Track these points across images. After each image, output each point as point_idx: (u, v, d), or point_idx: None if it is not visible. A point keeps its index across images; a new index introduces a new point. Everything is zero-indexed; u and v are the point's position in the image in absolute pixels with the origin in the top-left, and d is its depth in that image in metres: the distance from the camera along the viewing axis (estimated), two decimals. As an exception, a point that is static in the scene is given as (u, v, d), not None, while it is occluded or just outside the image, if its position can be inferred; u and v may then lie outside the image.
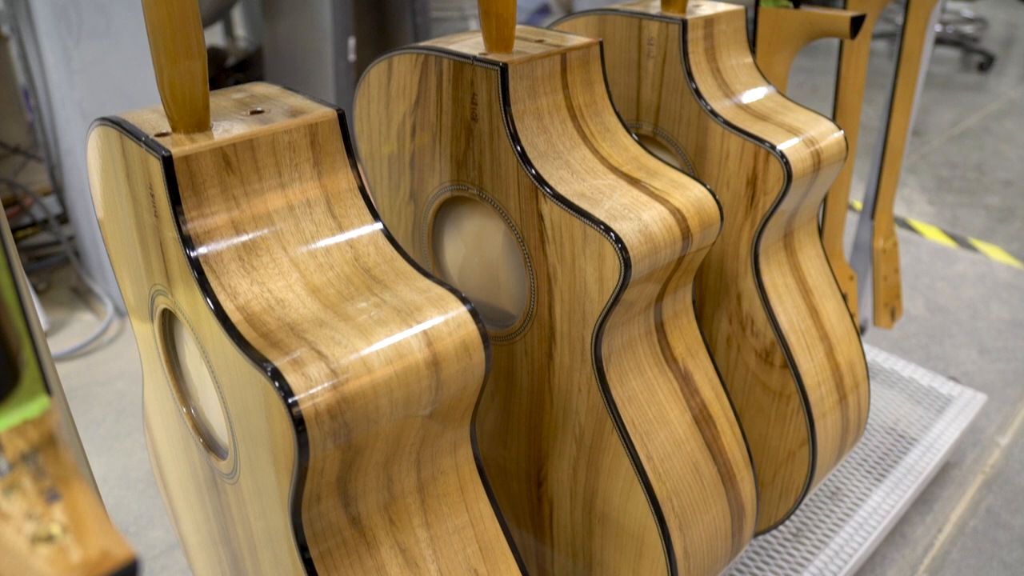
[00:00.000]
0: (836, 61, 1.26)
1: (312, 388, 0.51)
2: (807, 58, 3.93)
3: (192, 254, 0.56)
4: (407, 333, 0.55)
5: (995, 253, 2.29)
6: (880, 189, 1.44)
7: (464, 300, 0.58)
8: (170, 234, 0.58)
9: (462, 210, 0.82)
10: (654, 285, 0.75)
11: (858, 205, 2.30)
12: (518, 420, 0.83)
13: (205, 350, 0.60)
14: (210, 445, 0.70)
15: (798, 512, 1.32)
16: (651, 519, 0.75)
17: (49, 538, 0.31)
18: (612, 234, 0.67)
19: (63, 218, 2.30)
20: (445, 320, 0.56)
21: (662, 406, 0.77)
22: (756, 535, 1.03)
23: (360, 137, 0.87)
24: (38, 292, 2.12)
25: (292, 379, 0.51)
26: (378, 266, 0.60)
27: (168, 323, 0.70)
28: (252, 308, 0.56)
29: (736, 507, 0.82)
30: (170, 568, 1.39)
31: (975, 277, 2.17)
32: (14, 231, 2.28)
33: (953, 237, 2.37)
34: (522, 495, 0.88)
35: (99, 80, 1.74)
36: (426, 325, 0.56)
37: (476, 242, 0.82)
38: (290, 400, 0.50)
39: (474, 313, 0.57)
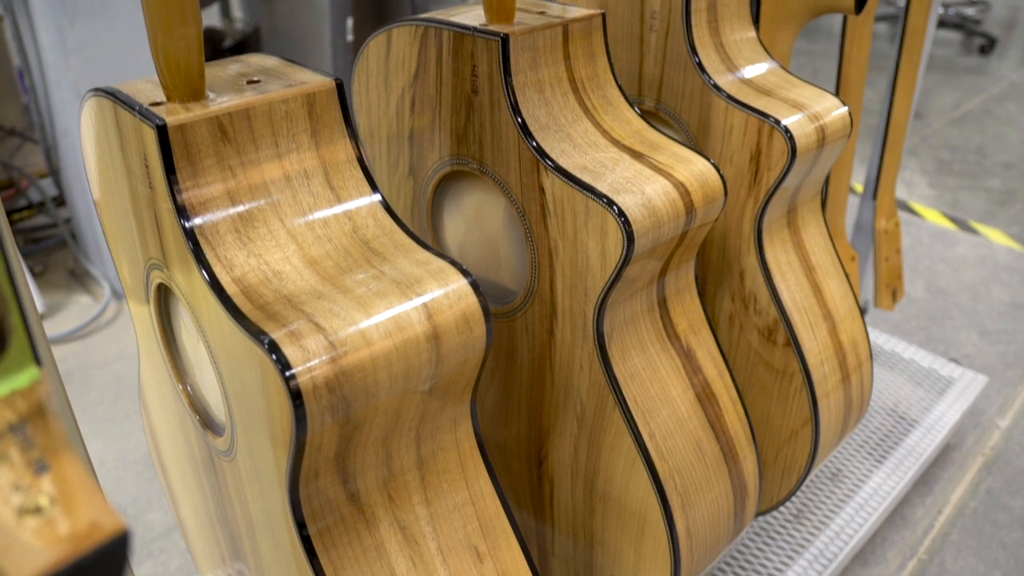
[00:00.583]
0: (838, 41, 1.24)
1: (310, 361, 0.50)
2: (808, 41, 3.91)
3: (187, 225, 0.54)
4: (407, 306, 0.54)
5: (996, 236, 2.28)
6: (882, 169, 1.43)
7: (465, 272, 0.57)
8: (165, 205, 0.57)
9: (462, 185, 0.81)
10: (656, 261, 0.74)
11: (859, 188, 2.29)
12: (518, 398, 0.83)
13: (201, 324, 0.59)
14: (207, 423, 0.69)
15: (798, 494, 1.32)
16: (653, 498, 0.74)
17: (37, 510, 0.30)
18: (615, 207, 0.66)
19: (60, 200, 2.28)
20: (445, 292, 0.55)
21: (664, 383, 0.76)
22: (757, 515, 1.02)
23: (358, 112, 0.86)
24: (35, 274, 2.11)
25: (290, 352, 0.50)
26: (377, 238, 0.59)
27: (164, 298, 0.69)
28: (248, 280, 0.55)
29: (739, 486, 0.81)
30: (168, 550, 1.38)
31: (976, 259, 2.16)
32: (10, 213, 2.26)
33: (954, 220, 2.36)
34: (522, 474, 0.87)
35: (94, 60, 1.72)
36: (426, 298, 0.55)
37: (476, 217, 0.81)
38: (287, 373, 0.49)
39: (475, 285, 0.56)
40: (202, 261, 0.54)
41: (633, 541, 0.78)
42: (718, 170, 0.74)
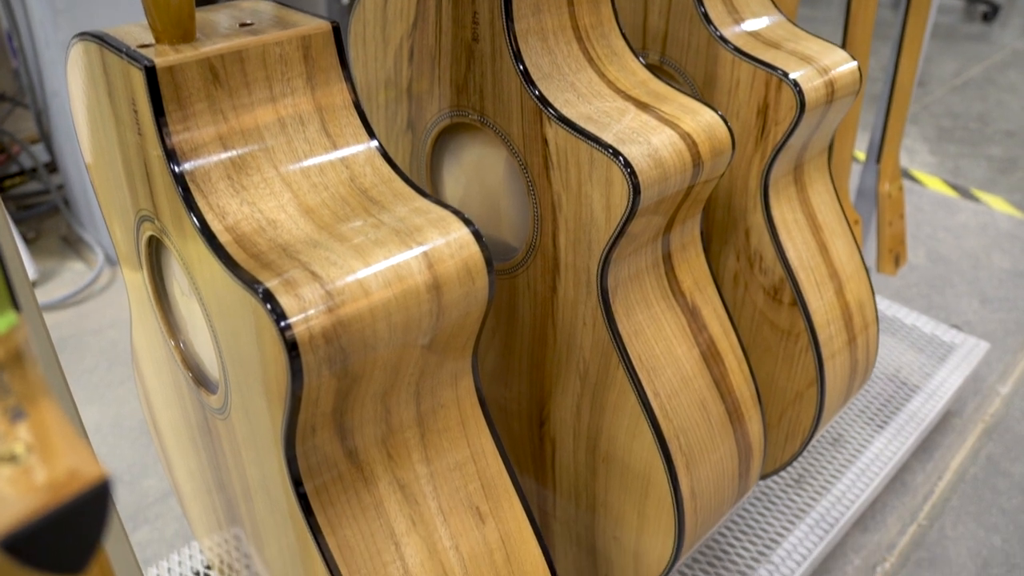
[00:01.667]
0: (843, 6, 1.22)
1: (306, 310, 0.48)
2: (810, 8, 3.86)
3: (177, 170, 0.52)
4: (407, 255, 0.52)
5: (997, 203, 2.26)
6: (887, 131, 1.40)
7: (467, 221, 0.55)
8: (154, 152, 0.54)
9: (462, 138, 0.79)
10: (661, 217, 0.72)
11: (860, 156, 2.27)
12: (519, 358, 0.81)
13: (193, 277, 0.57)
14: (200, 380, 0.67)
15: (800, 459, 1.31)
16: (657, 458, 0.73)
17: (12, 458, 0.28)
18: (621, 158, 0.64)
19: (52, 167, 2.25)
20: (447, 242, 0.53)
21: (669, 341, 0.74)
22: (761, 478, 1.01)
23: (355, 65, 0.83)
24: (27, 241, 2.09)
25: (285, 301, 0.48)
26: (375, 187, 0.57)
27: (155, 253, 0.67)
28: (242, 229, 0.53)
29: (744, 447, 0.80)
30: (164, 516, 1.37)
31: (977, 227, 2.14)
32: (1, 180, 2.23)
33: (955, 187, 2.34)
34: (523, 436, 0.85)
35: (84, 20, 1.69)
36: (427, 247, 0.53)
37: (477, 171, 0.79)
38: (283, 323, 0.47)
39: (477, 235, 0.54)
40: (193, 208, 0.52)
41: (636, 502, 0.77)
42: (726, 122, 0.71)
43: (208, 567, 1.12)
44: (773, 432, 0.98)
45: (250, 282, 0.49)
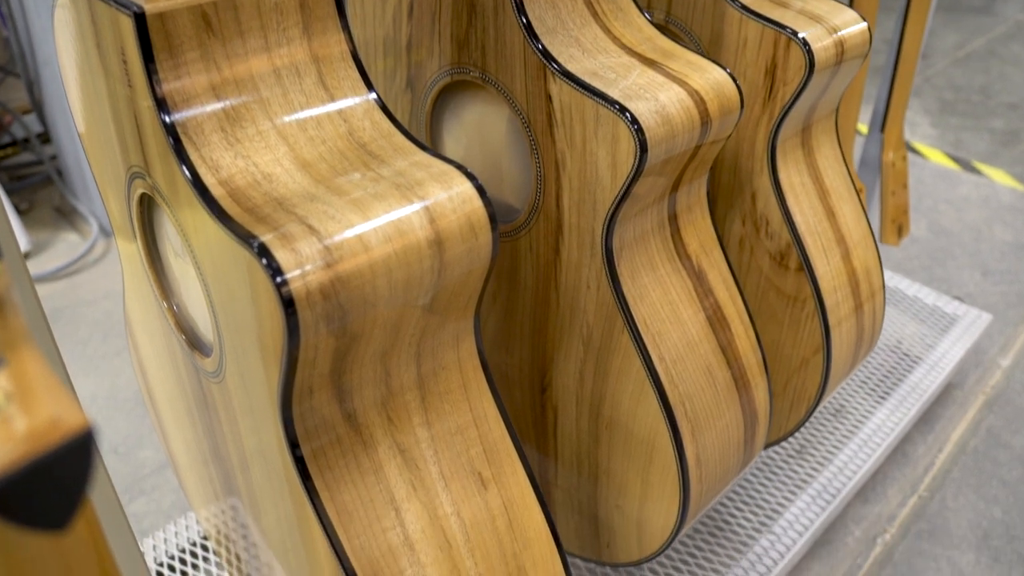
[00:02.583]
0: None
1: (303, 265, 0.46)
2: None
3: (167, 120, 0.50)
4: (407, 209, 0.50)
5: (999, 176, 2.24)
6: (892, 99, 1.38)
7: (470, 176, 0.53)
8: (144, 103, 0.52)
9: (463, 97, 0.77)
10: (666, 179, 0.70)
11: (863, 128, 2.25)
12: (521, 323, 0.79)
13: (186, 234, 0.55)
14: (194, 343, 0.65)
15: (802, 430, 1.30)
16: (663, 424, 0.71)
17: (-10, 407, 0.26)
18: (627, 114, 0.62)
19: (45, 138, 2.22)
20: (449, 196, 0.51)
21: (675, 305, 0.72)
22: (765, 447, 1.00)
23: (352, 22, 0.81)
24: (20, 212, 2.06)
25: (281, 255, 0.46)
26: (374, 141, 0.55)
27: (147, 212, 0.65)
28: (236, 183, 0.51)
29: (749, 414, 0.79)
30: (161, 487, 1.36)
31: (979, 200, 2.13)
32: (-7, 150, 2.20)
33: (956, 160, 2.32)
34: (525, 403, 0.84)
35: (74, -16, 1.65)
36: (428, 201, 0.51)
37: (478, 131, 0.76)
38: (279, 279, 0.46)
39: (481, 190, 0.52)
40: (184, 159, 0.50)
41: (640, 470, 0.76)
42: (735, 80, 0.69)
43: (205, 538, 1.11)
44: (778, 400, 0.97)
45: (245, 236, 0.47)
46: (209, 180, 0.50)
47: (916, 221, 2.02)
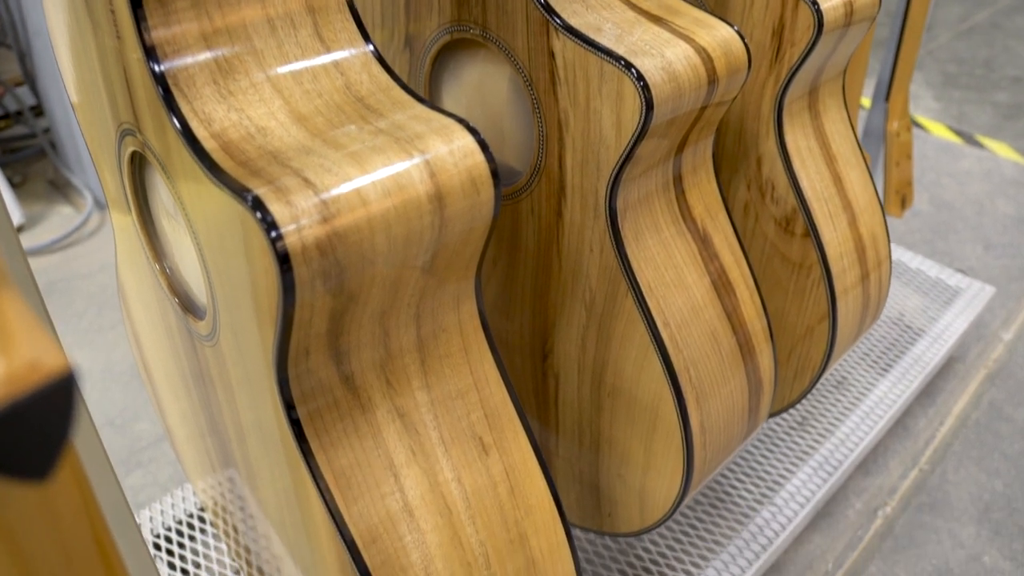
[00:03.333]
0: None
1: (299, 219, 0.45)
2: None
3: (157, 69, 0.48)
4: (407, 163, 0.48)
5: (1002, 150, 2.22)
6: (896, 67, 1.36)
7: (472, 130, 0.51)
8: (134, 55, 0.50)
9: (463, 57, 0.75)
10: (671, 141, 0.68)
11: (866, 103, 2.22)
12: (522, 288, 0.77)
13: (178, 191, 0.53)
14: (187, 306, 0.64)
15: (803, 402, 1.29)
16: (667, 390, 0.70)
17: (-35, 350, 0.25)
18: (633, 71, 0.60)
19: (38, 110, 2.19)
20: (450, 150, 0.50)
21: (680, 269, 0.71)
22: (768, 416, 0.99)
23: (348, -20, 0.78)
24: (14, 185, 2.04)
25: (276, 208, 0.44)
26: (372, 95, 0.53)
27: (138, 172, 0.63)
28: (229, 136, 0.49)
29: (754, 382, 0.77)
30: (158, 460, 1.35)
31: (981, 173, 2.11)
32: (-15, 122, 2.18)
33: (959, 133, 2.30)
34: (525, 371, 0.82)
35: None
36: (429, 155, 0.49)
37: (478, 91, 0.74)
38: (273, 233, 0.44)
39: (483, 144, 0.51)
40: (174, 109, 0.48)
41: (644, 438, 0.74)
42: (742, 38, 0.68)
43: (202, 510, 1.10)
44: (782, 369, 0.96)
45: (238, 190, 0.45)
46: (201, 133, 0.48)
47: (918, 195, 2.00)
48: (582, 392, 0.78)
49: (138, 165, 0.63)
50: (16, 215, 1.89)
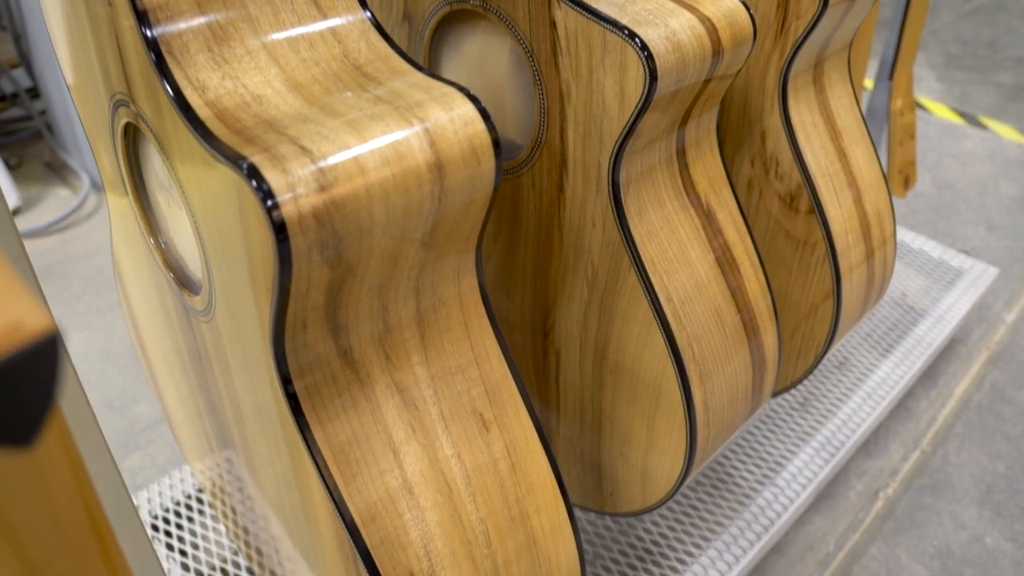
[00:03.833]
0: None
1: (295, 188, 0.43)
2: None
3: (149, 34, 0.47)
4: (407, 131, 0.47)
5: (1005, 131, 2.21)
6: (901, 44, 1.34)
7: (473, 98, 0.50)
8: (126, 22, 0.49)
9: (462, 29, 0.73)
10: (673, 115, 0.67)
11: (869, 84, 2.20)
12: (523, 264, 0.76)
13: (172, 162, 0.52)
14: (183, 282, 0.63)
15: (805, 382, 1.28)
16: (670, 367, 0.69)
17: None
18: (637, 40, 0.59)
19: (34, 92, 2.18)
20: (450, 118, 0.48)
21: (683, 244, 0.70)
22: (771, 395, 0.98)
23: (346, -48, 0.77)
24: (10, 167, 2.02)
25: (272, 176, 0.43)
26: (371, 63, 0.52)
27: (132, 145, 0.62)
28: (224, 104, 0.48)
29: (758, 360, 0.76)
30: (156, 442, 1.34)
31: (984, 155, 2.10)
32: (-19, 105, 2.16)
33: (962, 114, 2.28)
34: (526, 349, 0.81)
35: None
36: (428, 123, 0.48)
37: (479, 64, 0.73)
38: (269, 202, 0.43)
39: (484, 113, 0.49)
40: (166, 75, 0.47)
41: (646, 416, 0.74)
42: (747, 8, 0.66)
43: (200, 491, 1.09)
44: (785, 347, 0.95)
45: (233, 158, 0.44)
46: (195, 101, 0.47)
47: (920, 175, 1.99)
48: (584, 370, 0.77)
49: (132, 138, 0.61)
50: (12, 197, 1.88)
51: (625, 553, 1.02)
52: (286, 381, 0.50)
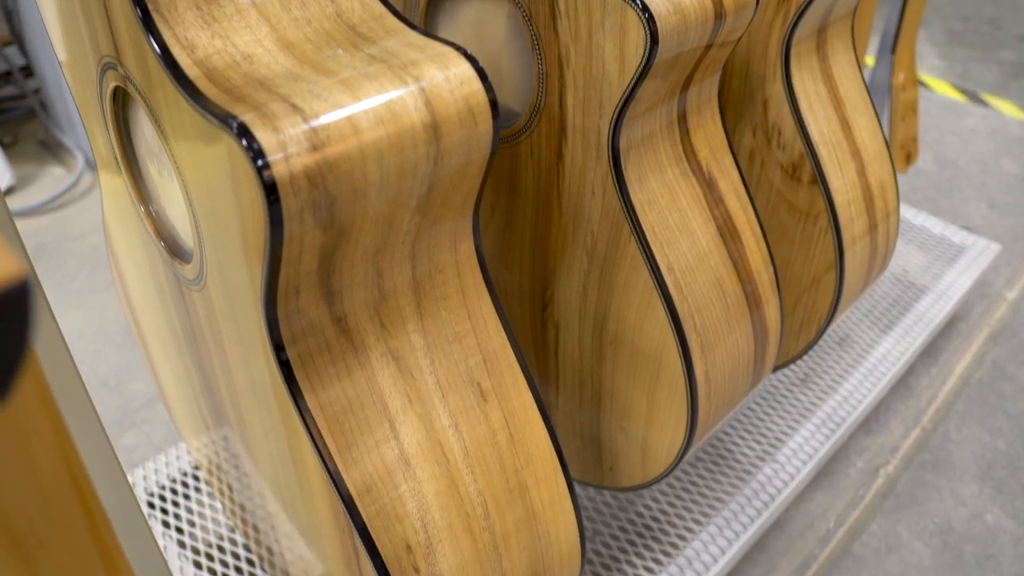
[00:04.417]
0: None
1: (287, 147, 0.42)
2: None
3: (135, -11, 0.46)
4: (402, 91, 0.46)
5: (1008, 108, 2.19)
6: (904, 17, 1.33)
7: (470, 57, 0.48)
8: (112, -21, 0.48)
9: (458, -5, 0.72)
10: (675, 80, 0.66)
11: (870, 61, 2.19)
12: (521, 235, 0.75)
13: (161, 126, 0.51)
14: (174, 250, 0.61)
15: (806, 358, 1.27)
16: (670, 337, 0.68)
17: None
18: (637, 2, 0.57)
19: (28, 71, 2.16)
20: (446, 77, 0.47)
21: (684, 213, 0.69)
22: (772, 369, 0.97)
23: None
24: (4, 146, 2.01)
25: (262, 135, 0.42)
26: (364, 23, 0.51)
27: (121, 111, 0.61)
28: (213, 63, 0.46)
29: (760, 331, 0.75)
30: (151, 420, 1.33)
31: (986, 132, 2.08)
32: (-27, 83, 2.14)
33: (964, 91, 2.26)
34: (524, 321, 0.80)
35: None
36: (424, 83, 0.47)
37: (476, 31, 0.72)
38: (260, 161, 0.42)
39: (481, 73, 0.48)
40: (153, 32, 0.45)
41: (646, 388, 0.73)
42: (750, -30, 0.65)
43: (196, 468, 1.08)
44: (787, 320, 0.94)
45: (223, 116, 0.43)
46: (183, 60, 0.46)
47: (921, 153, 1.98)
48: (583, 342, 0.76)
49: (121, 103, 0.60)
50: (6, 176, 1.86)
51: (625, 529, 1.01)
52: (279, 348, 0.49)
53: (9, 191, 1.87)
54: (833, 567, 1.10)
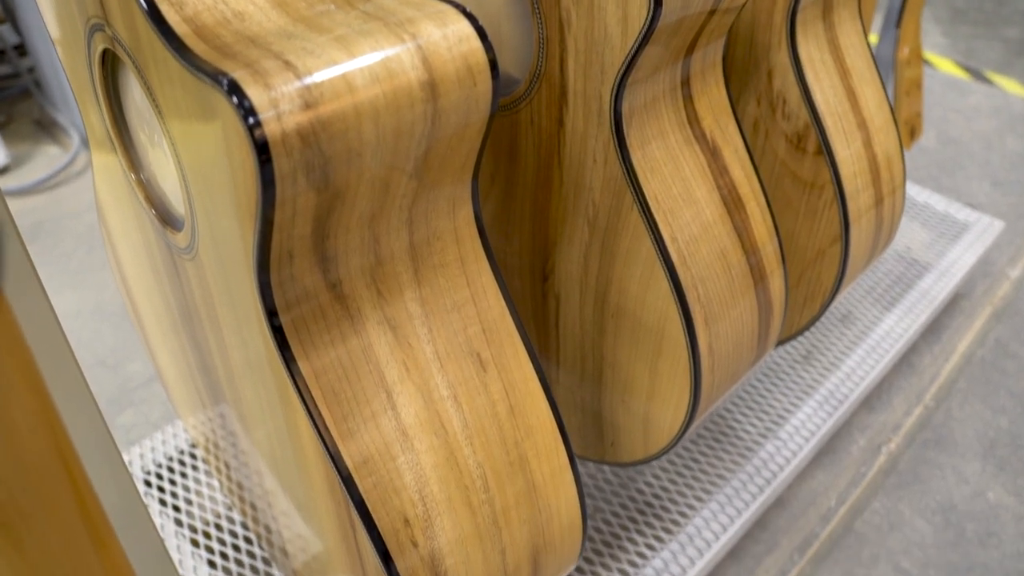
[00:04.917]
0: None
1: (279, 105, 0.41)
2: None
3: (122, -59, 0.44)
4: (398, 48, 0.44)
5: (1011, 86, 2.17)
6: (910, -10, 1.31)
7: (469, 15, 0.47)
8: (98, -66, 0.46)
9: (457, -42, 0.70)
10: (678, 45, 0.64)
11: (873, 39, 2.16)
12: (521, 205, 0.74)
13: (150, 86, 0.49)
14: (165, 219, 0.60)
15: (808, 335, 1.26)
16: (673, 308, 0.66)
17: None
18: (640, -39, 0.56)
19: (21, 50, 2.13)
20: (444, 35, 0.46)
21: (688, 182, 0.67)
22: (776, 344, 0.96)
23: None
24: (-2, 125, 1.99)
25: (253, 93, 0.40)
26: (359, -20, 0.49)
27: (110, 76, 0.59)
28: (203, 20, 0.45)
29: (764, 304, 0.74)
30: (149, 400, 1.33)
31: (990, 110, 2.06)
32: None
33: (967, 69, 2.24)
34: (524, 293, 0.79)
35: None
36: (421, 40, 0.45)
37: (474, -4, 0.70)
38: (251, 120, 0.40)
39: (480, 31, 0.47)
40: (141, -15, 0.44)
41: (649, 360, 0.71)
42: (756, -68, 0.63)
43: (193, 446, 1.07)
44: (792, 293, 0.92)
45: (212, 74, 0.41)
46: (172, 17, 0.44)
47: (925, 131, 1.96)
48: (584, 314, 0.74)
49: (110, 69, 0.58)
50: (1, 155, 1.85)
51: (625, 506, 1.00)
52: (271, 314, 0.48)
53: (4, 170, 1.86)
54: (835, 545, 1.09)
